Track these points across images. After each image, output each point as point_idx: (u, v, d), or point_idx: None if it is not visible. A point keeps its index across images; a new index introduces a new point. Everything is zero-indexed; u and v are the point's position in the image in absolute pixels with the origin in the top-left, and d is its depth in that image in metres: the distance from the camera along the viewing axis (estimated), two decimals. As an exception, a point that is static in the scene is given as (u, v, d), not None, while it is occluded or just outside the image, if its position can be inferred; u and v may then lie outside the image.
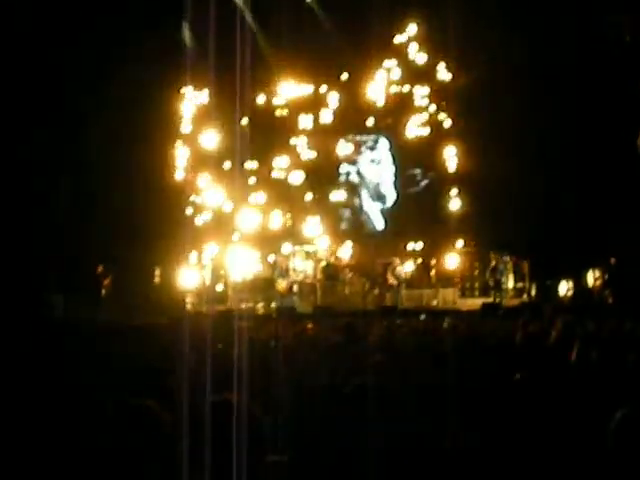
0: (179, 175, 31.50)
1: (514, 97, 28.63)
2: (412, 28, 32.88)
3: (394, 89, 33.26)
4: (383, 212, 33.80)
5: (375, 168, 34.16)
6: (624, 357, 8.71)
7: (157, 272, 31.60)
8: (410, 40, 32.96)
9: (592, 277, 29.78)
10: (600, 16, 30.49)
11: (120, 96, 29.41)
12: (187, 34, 28.18)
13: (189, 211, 31.28)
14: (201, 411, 4.03)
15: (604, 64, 29.16)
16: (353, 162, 34.29)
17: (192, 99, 32.02)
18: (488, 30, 28.59)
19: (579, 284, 30.21)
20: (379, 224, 33.57)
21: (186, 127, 32.57)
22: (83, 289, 28.88)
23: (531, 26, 28.63)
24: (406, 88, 33.34)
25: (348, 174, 34.19)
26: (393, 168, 34.00)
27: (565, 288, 30.45)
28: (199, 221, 31.64)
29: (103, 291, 27.93)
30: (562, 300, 29.83)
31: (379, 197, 33.96)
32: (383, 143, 34.16)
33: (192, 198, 31.78)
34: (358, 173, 34.26)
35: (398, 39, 32.73)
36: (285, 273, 30.19)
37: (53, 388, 5.58)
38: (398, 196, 33.48)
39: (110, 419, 4.26)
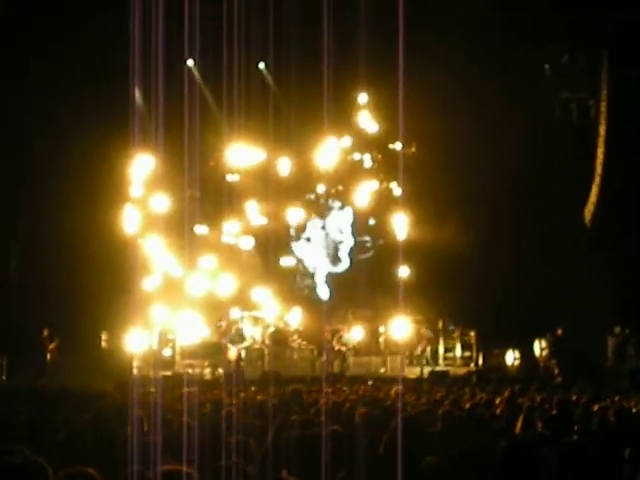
0: (128, 238, 31.28)
1: (462, 167, 29.05)
2: (363, 97, 33.22)
3: (345, 157, 33.46)
4: (329, 280, 33.75)
5: (337, 230, 34.24)
6: (570, 431, 8.76)
7: (104, 336, 31.29)
8: (361, 109, 33.28)
9: (539, 347, 29.93)
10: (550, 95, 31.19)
11: (68, 157, 29.39)
12: (138, 97, 28.21)
13: (137, 275, 31.05)
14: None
15: (554, 142, 29.74)
16: (303, 228, 34.30)
17: (143, 162, 31.94)
18: (440, 98, 29.02)
19: (526, 354, 30.35)
20: (324, 293, 33.53)
21: (136, 190, 32.44)
22: (27, 353, 28.54)
23: (484, 100, 29.11)
24: (357, 156, 33.59)
25: (298, 238, 34.19)
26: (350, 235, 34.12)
27: (512, 357, 30.58)
28: (148, 285, 31.40)
29: (48, 355, 27.53)
30: (509, 369, 29.94)
31: (335, 258, 33.97)
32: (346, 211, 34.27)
33: (141, 262, 31.55)
34: (308, 239, 34.25)
35: (350, 107, 33.00)
36: (237, 339, 29.95)
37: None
38: (351, 262, 33.51)
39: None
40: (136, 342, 29.44)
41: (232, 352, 29.29)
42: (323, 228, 34.33)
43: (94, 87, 30.26)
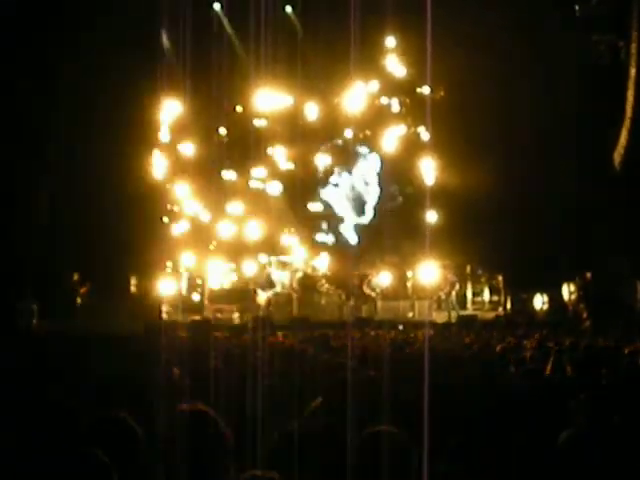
0: (156, 184, 31.34)
1: (493, 112, 28.84)
2: (391, 41, 32.97)
3: (372, 101, 33.28)
4: (357, 227, 33.79)
5: (363, 181, 34.21)
6: (598, 375, 8.75)
7: (133, 281, 31.49)
8: (389, 52, 33.04)
9: (567, 291, 29.88)
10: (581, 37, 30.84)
11: (97, 104, 29.37)
12: (166, 43, 28.15)
13: (166, 220, 31.18)
14: (174, 421, 4.02)
15: (579, 83, 29.42)
16: (331, 174, 34.32)
17: (171, 108, 31.90)
18: (469, 41, 28.76)
19: (554, 298, 30.31)
20: (352, 239, 33.54)
21: (164, 136, 32.46)
22: (59, 297, 28.75)
23: (508, 43, 28.81)
24: (384, 100, 33.39)
25: (325, 184, 34.20)
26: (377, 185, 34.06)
27: (540, 302, 30.55)
28: (176, 230, 31.53)
29: (79, 299, 27.74)
30: (537, 314, 29.92)
31: (361, 210, 33.97)
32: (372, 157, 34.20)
33: (169, 207, 31.66)
34: (336, 185, 34.26)
35: (377, 52, 32.76)
36: (267, 285, 30.06)
37: (26, 399, 5.54)
38: (375, 211, 33.42)
39: (84, 432, 4.24)
40: (165, 287, 29.64)
41: (262, 297, 29.42)
42: (350, 175, 34.28)
43: (123, 32, 30.19)
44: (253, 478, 3.80)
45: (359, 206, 34.04)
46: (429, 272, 30.86)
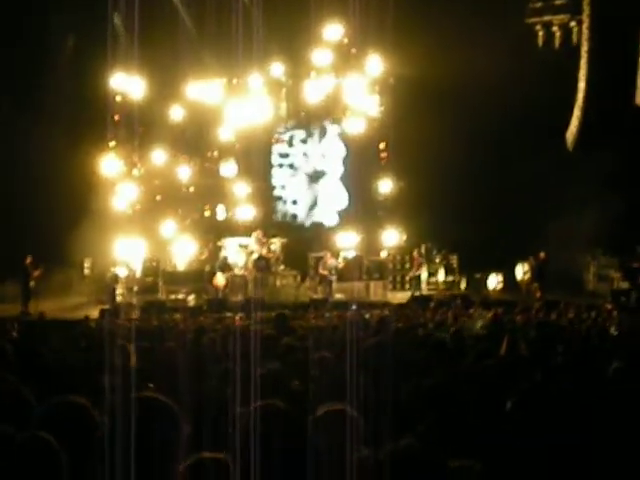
0: (110, 165, 31.11)
1: (445, 95, 28.96)
2: (344, 21, 32.86)
3: (327, 83, 33.20)
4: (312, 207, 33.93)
5: (309, 160, 34.19)
6: (552, 352, 8.82)
7: (87, 264, 31.32)
8: (342, 33, 32.93)
9: (521, 270, 30.12)
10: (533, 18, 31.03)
11: (45, 89, 29.22)
12: (118, 24, 27.93)
13: (121, 201, 30.99)
14: (128, 408, 3.99)
15: (537, 66, 29.60)
16: (285, 155, 34.32)
17: (125, 90, 31.62)
18: (425, 22, 28.84)
19: (508, 277, 30.55)
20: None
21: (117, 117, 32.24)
22: (12, 281, 28.55)
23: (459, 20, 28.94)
24: (338, 82, 33.31)
25: (281, 165, 34.20)
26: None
27: (495, 281, 30.77)
28: (132, 211, 31.33)
29: (32, 283, 27.51)
30: (491, 293, 30.14)
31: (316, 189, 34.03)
32: (319, 134, 34.16)
33: (123, 189, 31.46)
34: (291, 166, 34.28)
35: (329, 33, 32.65)
36: (225, 267, 29.95)
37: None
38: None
39: (39, 418, 4.20)
40: (119, 268, 29.50)
41: (220, 279, 29.34)
42: (305, 155, 34.28)
43: (73, 13, 30.04)
44: (201, 460, 3.80)
45: (314, 180, 34.08)
46: (385, 253, 31.08)
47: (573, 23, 32.00)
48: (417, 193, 30.27)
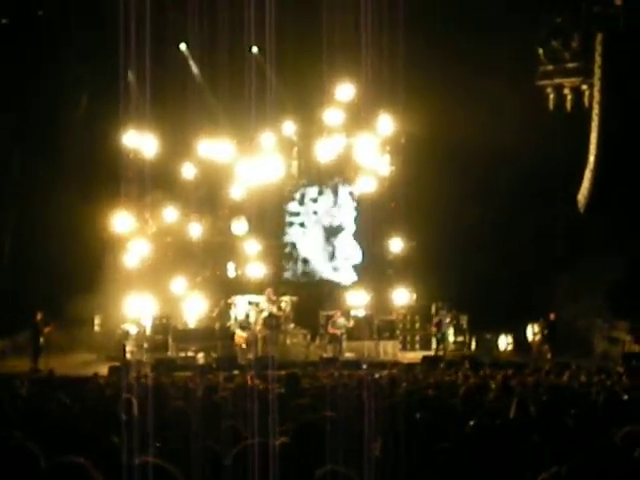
0: (122, 222, 31.18)
1: (456, 155, 29.09)
2: (348, 90, 33.09)
3: (338, 142, 33.39)
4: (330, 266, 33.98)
5: (319, 218, 34.30)
6: (562, 414, 8.76)
7: (97, 320, 31.31)
8: (353, 93, 33.14)
9: (531, 331, 30.00)
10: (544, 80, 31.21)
11: (62, 144, 29.42)
12: (132, 82, 28.17)
13: (133, 258, 31.05)
14: (134, 472, 3.99)
15: (547, 128, 29.71)
16: (296, 214, 34.41)
17: (137, 147, 31.80)
18: (436, 83, 29.03)
19: (518, 338, 30.43)
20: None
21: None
22: (22, 336, 28.56)
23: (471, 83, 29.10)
24: (350, 141, 33.48)
25: (291, 224, 34.30)
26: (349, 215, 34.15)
27: (505, 342, 30.65)
28: (143, 268, 31.37)
29: (42, 339, 27.52)
30: (502, 354, 30.01)
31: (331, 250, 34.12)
32: (330, 193, 34.31)
33: (135, 246, 31.53)
34: (301, 224, 34.36)
35: (341, 92, 32.91)
36: (246, 324, 29.99)
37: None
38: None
39: (43, 476, 4.20)
40: (129, 325, 29.49)
41: (242, 337, 29.39)
42: (315, 213, 34.38)
43: (87, 68, 30.35)
44: None
45: (327, 239, 34.18)
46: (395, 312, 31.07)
47: (585, 86, 32.17)
48: (427, 252, 30.32)
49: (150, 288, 29.98)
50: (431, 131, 30.13)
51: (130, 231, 31.38)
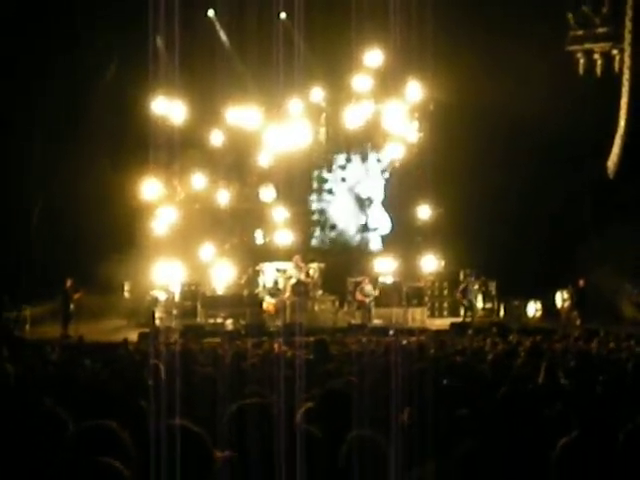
0: (151, 189, 31.25)
1: (484, 123, 28.92)
2: (376, 56, 32.94)
3: (366, 109, 33.30)
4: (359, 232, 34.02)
5: (347, 185, 34.28)
6: (592, 380, 8.73)
7: (126, 287, 31.46)
8: (382, 59, 33.00)
9: (560, 298, 29.91)
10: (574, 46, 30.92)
11: (89, 115, 29.47)
12: (160, 48, 28.14)
13: (161, 225, 31.13)
14: (161, 434, 4.02)
15: (577, 94, 29.43)
16: (324, 180, 34.40)
17: (165, 114, 31.81)
18: (465, 51, 28.83)
19: (547, 305, 30.35)
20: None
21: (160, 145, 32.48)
22: (51, 303, 28.75)
23: (501, 49, 28.88)
24: (378, 107, 33.38)
25: (319, 191, 34.29)
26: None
27: (533, 309, 30.58)
28: (171, 235, 31.48)
29: (72, 306, 27.70)
30: (530, 321, 29.94)
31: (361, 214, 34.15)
32: (357, 160, 34.27)
33: (163, 213, 31.61)
34: (329, 191, 34.35)
35: (369, 59, 32.79)
36: (276, 291, 30.13)
37: (15, 406, 5.54)
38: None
39: (71, 440, 4.23)
40: (159, 292, 29.63)
41: (271, 304, 29.54)
42: (343, 180, 34.35)
43: (116, 37, 30.32)
44: None
45: (358, 207, 34.20)
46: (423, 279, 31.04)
47: (615, 51, 31.87)
48: (456, 219, 30.24)
49: (179, 255, 30.07)
50: (459, 98, 30.03)
51: (159, 198, 31.47)
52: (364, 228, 34.04)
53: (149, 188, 30.95)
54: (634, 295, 29.58)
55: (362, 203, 34.13)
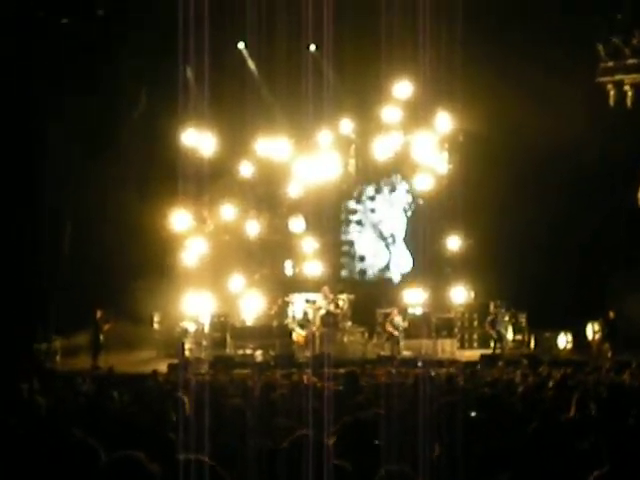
0: (180, 220, 31.37)
1: (516, 154, 28.89)
2: (413, 78, 33.03)
3: (396, 140, 33.34)
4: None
5: (377, 216, 34.31)
6: (624, 413, 8.66)
7: (156, 318, 31.51)
8: (411, 90, 33.08)
9: (591, 330, 29.71)
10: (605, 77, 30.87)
11: (120, 142, 29.65)
12: (190, 81, 28.33)
13: (191, 256, 31.22)
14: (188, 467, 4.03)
15: (608, 126, 29.37)
16: (354, 212, 34.43)
17: (195, 145, 31.97)
18: (495, 82, 28.82)
19: (578, 337, 30.15)
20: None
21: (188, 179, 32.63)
22: (82, 334, 28.84)
23: (534, 81, 28.87)
24: (407, 139, 33.43)
25: (349, 222, 34.32)
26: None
27: (564, 341, 30.38)
28: (201, 266, 31.57)
29: (101, 337, 27.82)
30: (561, 353, 29.74)
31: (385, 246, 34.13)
32: (387, 191, 34.30)
33: (193, 244, 31.71)
34: (359, 222, 34.37)
35: (398, 90, 32.85)
36: (305, 322, 30.15)
37: (46, 438, 5.55)
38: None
39: (102, 470, 4.25)
40: (188, 323, 29.66)
41: (301, 335, 29.56)
42: (372, 211, 34.39)
43: (146, 69, 30.52)
44: None
45: (381, 238, 34.18)
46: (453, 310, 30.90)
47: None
48: (485, 250, 30.16)
49: (208, 286, 30.10)
50: (489, 129, 30.03)
51: (188, 229, 31.59)
52: (387, 265, 34.03)
53: (178, 219, 31.08)
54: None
55: (385, 240, 34.14)
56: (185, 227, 31.42)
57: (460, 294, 31.14)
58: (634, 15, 31.09)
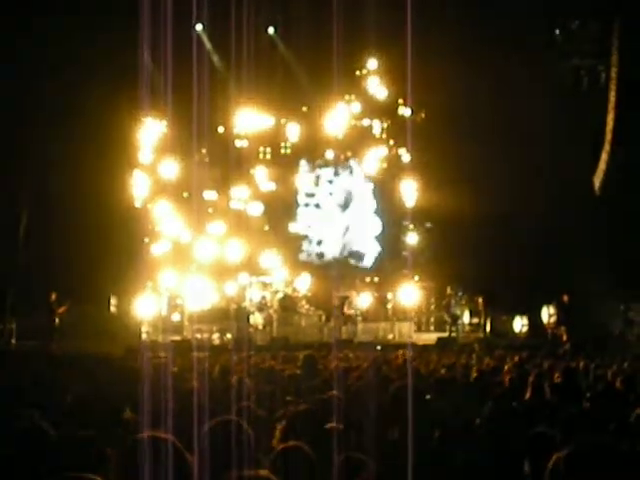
0: (137, 204, 31.25)
1: (473, 134, 28.97)
2: (372, 63, 33.09)
3: (354, 123, 33.37)
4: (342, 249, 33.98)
5: (334, 200, 34.29)
6: (577, 398, 8.74)
7: (113, 301, 31.33)
8: (370, 74, 33.15)
9: (547, 314, 29.92)
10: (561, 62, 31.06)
11: (77, 122, 29.30)
12: (147, 62, 28.10)
13: (147, 240, 31.09)
14: (138, 445, 4.01)
15: (564, 109, 29.56)
16: (311, 195, 34.39)
17: (152, 128, 31.85)
18: (450, 65, 28.86)
19: (534, 321, 30.35)
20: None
21: (145, 156, 32.43)
22: (37, 317, 28.60)
23: (491, 64, 28.97)
24: (366, 122, 33.48)
25: (307, 205, 34.26)
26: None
27: (520, 324, 30.59)
28: (156, 250, 31.47)
29: (57, 320, 27.61)
30: (517, 336, 29.96)
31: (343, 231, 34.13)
32: (346, 174, 34.31)
33: (150, 227, 31.58)
34: (317, 205, 34.34)
35: (358, 73, 32.88)
36: (263, 306, 30.08)
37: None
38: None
39: (53, 450, 4.23)
40: (145, 307, 29.53)
41: (258, 319, 29.52)
42: (331, 194, 34.37)
43: (103, 50, 30.20)
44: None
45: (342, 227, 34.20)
46: (410, 293, 30.94)
47: (601, 67, 32.05)
48: (443, 235, 30.28)
49: (168, 268, 30.04)
50: (448, 112, 30.07)
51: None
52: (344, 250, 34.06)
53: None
54: (621, 311, 29.62)
55: (343, 224, 34.17)
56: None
57: (418, 278, 31.29)
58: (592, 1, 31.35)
